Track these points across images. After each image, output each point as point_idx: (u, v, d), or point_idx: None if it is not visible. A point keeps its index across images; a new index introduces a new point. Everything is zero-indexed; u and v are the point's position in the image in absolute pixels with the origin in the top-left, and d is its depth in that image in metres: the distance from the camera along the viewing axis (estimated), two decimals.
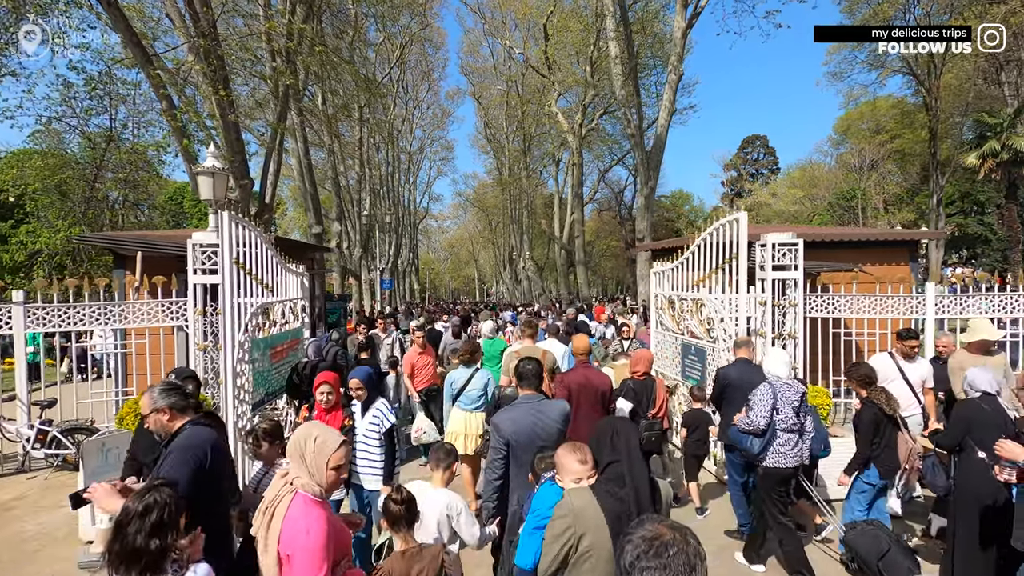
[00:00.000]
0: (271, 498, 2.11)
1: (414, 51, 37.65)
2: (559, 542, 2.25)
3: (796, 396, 4.10)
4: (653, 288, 8.05)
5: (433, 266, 78.66)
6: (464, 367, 5.59)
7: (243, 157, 15.51)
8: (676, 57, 19.97)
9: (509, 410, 3.51)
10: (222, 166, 7.02)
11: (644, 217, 20.91)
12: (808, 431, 4.19)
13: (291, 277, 7.11)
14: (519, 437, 3.33)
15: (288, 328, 6.74)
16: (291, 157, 25.53)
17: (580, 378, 4.52)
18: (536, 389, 3.60)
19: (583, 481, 2.40)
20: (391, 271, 39.14)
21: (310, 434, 2.16)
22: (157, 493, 1.96)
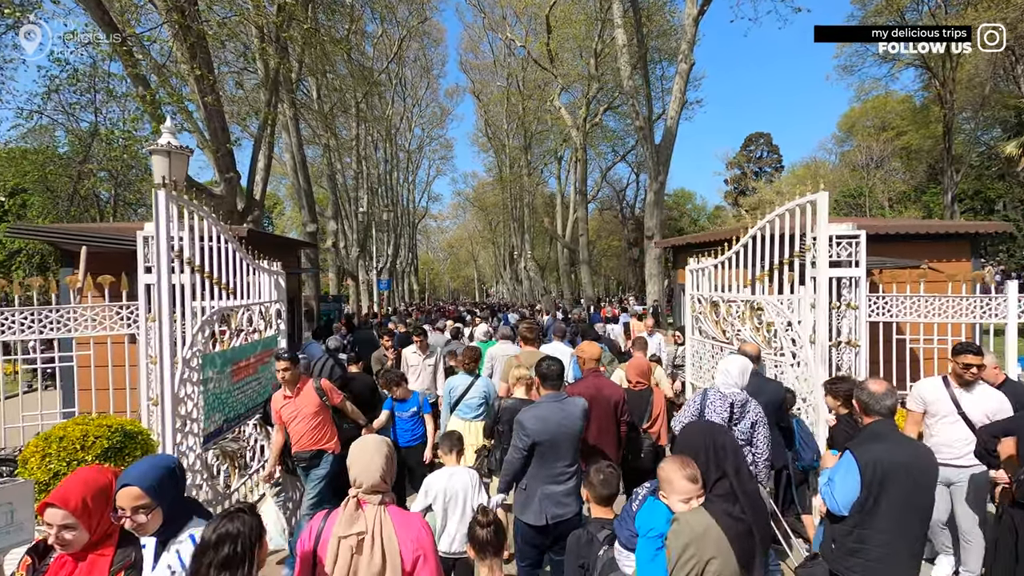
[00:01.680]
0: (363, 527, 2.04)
1: (412, 47, 36.48)
2: (684, 570, 2.11)
3: (725, 407, 3.57)
4: (689, 289, 6.84)
5: (432, 266, 77.52)
6: (465, 374, 5.33)
7: (228, 148, 14.28)
8: (687, 45, 18.80)
9: (534, 408, 3.47)
10: (180, 144, 5.80)
11: (653, 214, 19.72)
12: (758, 448, 3.58)
13: (263, 277, 5.88)
14: (544, 436, 3.33)
15: (257, 338, 5.52)
16: (284, 152, 24.27)
17: (591, 389, 4.02)
18: (558, 388, 3.57)
19: (692, 501, 2.24)
20: (389, 271, 37.93)
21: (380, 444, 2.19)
22: (232, 522, 1.79)
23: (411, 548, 2.03)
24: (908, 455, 2.67)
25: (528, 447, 3.32)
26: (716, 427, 2.78)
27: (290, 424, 4.41)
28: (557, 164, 35.65)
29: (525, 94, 34.03)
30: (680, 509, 2.23)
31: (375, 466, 2.11)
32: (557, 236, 31.95)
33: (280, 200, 47.39)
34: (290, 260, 9.10)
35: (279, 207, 48.71)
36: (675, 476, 2.26)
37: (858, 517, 2.67)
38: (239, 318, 5.06)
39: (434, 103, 45.41)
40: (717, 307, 6.10)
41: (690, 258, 6.86)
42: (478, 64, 41.71)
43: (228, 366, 4.76)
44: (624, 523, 2.50)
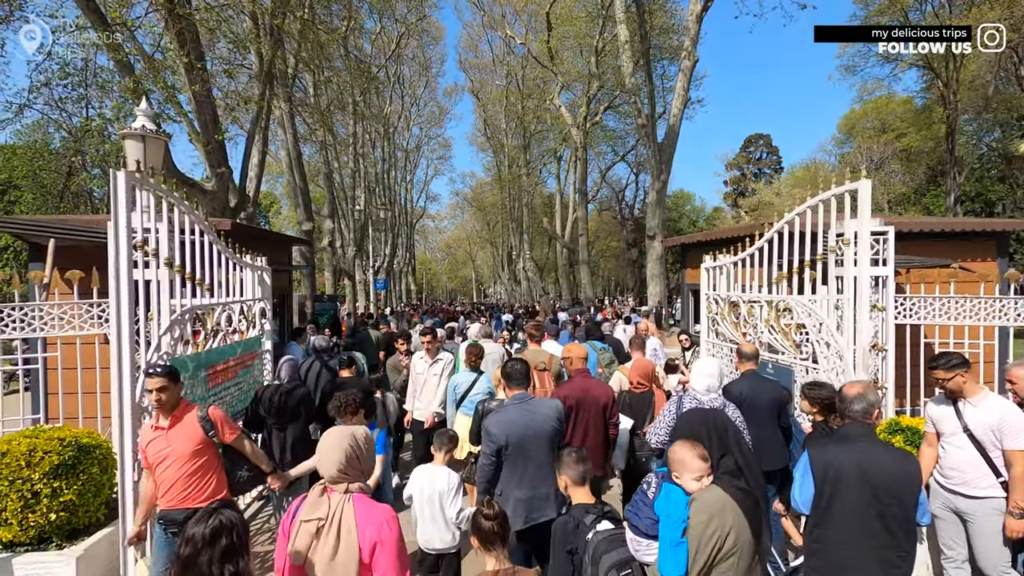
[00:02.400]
0: (326, 513, 2.07)
1: (411, 45, 35.97)
2: (711, 543, 2.22)
3: None
4: (704, 288, 6.36)
5: (430, 267, 76.99)
6: (469, 371, 5.29)
7: (220, 142, 13.78)
8: (690, 42, 18.35)
9: (498, 413, 3.38)
10: (157, 129, 5.30)
11: (656, 213, 19.25)
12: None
13: (246, 273, 5.39)
14: (511, 440, 3.24)
15: (238, 339, 5.02)
16: (280, 149, 23.74)
17: (578, 390, 3.92)
18: (523, 388, 3.46)
19: (704, 479, 2.36)
20: (387, 271, 37.37)
21: (354, 434, 2.21)
22: (221, 515, 1.78)
23: (369, 537, 2.04)
24: (865, 458, 2.58)
25: (495, 452, 3.25)
26: (713, 411, 2.99)
27: (157, 467, 3.10)
28: (556, 163, 35.18)
29: (524, 93, 33.55)
30: (693, 488, 2.36)
31: (333, 460, 2.14)
32: (556, 236, 31.47)
33: (277, 199, 46.81)
34: (281, 257, 8.60)
35: (276, 206, 48.10)
36: (687, 456, 2.38)
37: (816, 516, 2.65)
38: (216, 318, 4.56)
39: (432, 102, 44.93)
40: (737, 308, 5.62)
41: (706, 255, 6.38)
42: (477, 63, 41.24)
43: (203, 370, 4.26)
44: (641, 510, 2.50)
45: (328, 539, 2.04)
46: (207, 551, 1.72)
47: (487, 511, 2.38)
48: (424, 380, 5.58)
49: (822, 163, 44.10)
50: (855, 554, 2.53)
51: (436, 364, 5.62)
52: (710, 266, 6.27)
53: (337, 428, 2.32)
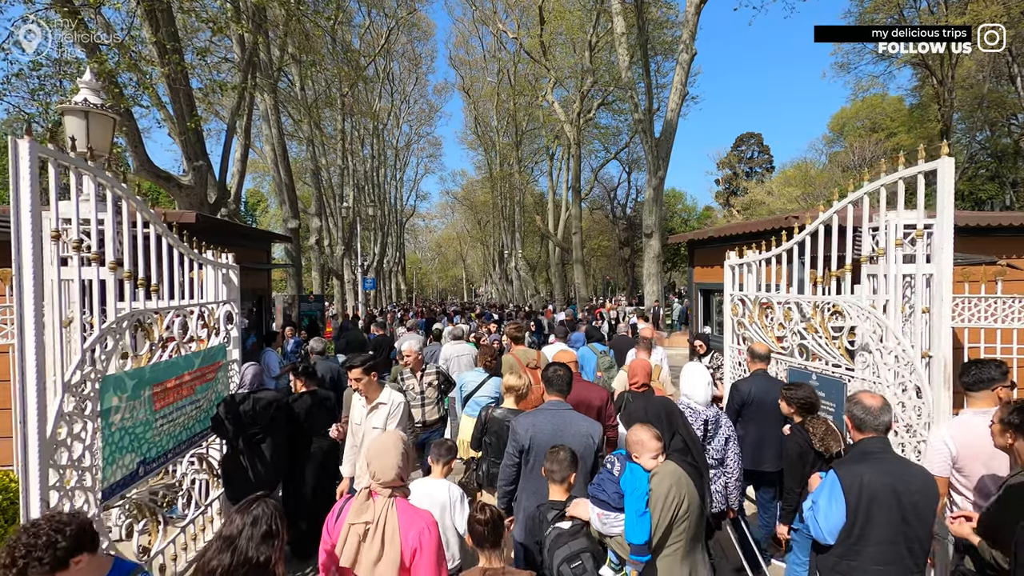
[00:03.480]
0: (372, 516, 2.13)
1: (401, 40, 35.11)
2: (671, 507, 2.51)
3: (698, 423, 3.51)
4: (728, 288, 5.66)
5: (420, 266, 76.01)
6: (480, 371, 5.12)
7: (198, 133, 12.92)
8: (688, 34, 17.72)
9: (531, 415, 3.31)
10: (101, 102, 4.50)
11: (653, 211, 18.61)
12: (728, 467, 3.61)
13: (207, 271, 4.61)
14: (535, 444, 3.14)
15: (196, 349, 4.25)
16: (265, 144, 22.77)
17: (572, 394, 3.70)
18: (564, 396, 3.38)
19: (659, 457, 2.63)
20: (376, 271, 36.45)
21: (398, 441, 2.30)
22: (264, 504, 1.91)
23: (411, 542, 2.10)
24: (898, 477, 2.37)
25: (517, 452, 3.19)
26: (660, 399, 3.35)
27: None
28: (549, 161, 34.43)
29: (516, 90, 32.80)
30: (651, 465, 2.63)
31: (391, 463, 2.22)
32: (549, 234, 30.75)
33: (264, 197, 45.69)
34: (258, 255, 7.82)
35: (263, 204, 46.96)
36: (645, 437, 2.65)
37: (843, 547, 2.40)
38: (166, 324, 3.78)
39: (422, 99, 44.07)
40: (769, 310, 4.93)
41: (729, 251, 5.68)
42: (468, 60, 40.45)
43: (146, 388, 3.48)
44: (608, 486, 2.68)
45: (374, 543, 2.09)
46: (248, 531, 1.82)
47: (480, 516, 2.41)
48: (363, 434, 3.93)
49: (813, 162, 43.85)
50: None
51: (376, 412, 3.92)
52: (735, 263, 5.58)
53: (389, 432, 2.41)
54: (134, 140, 11.14)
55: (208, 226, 5.88)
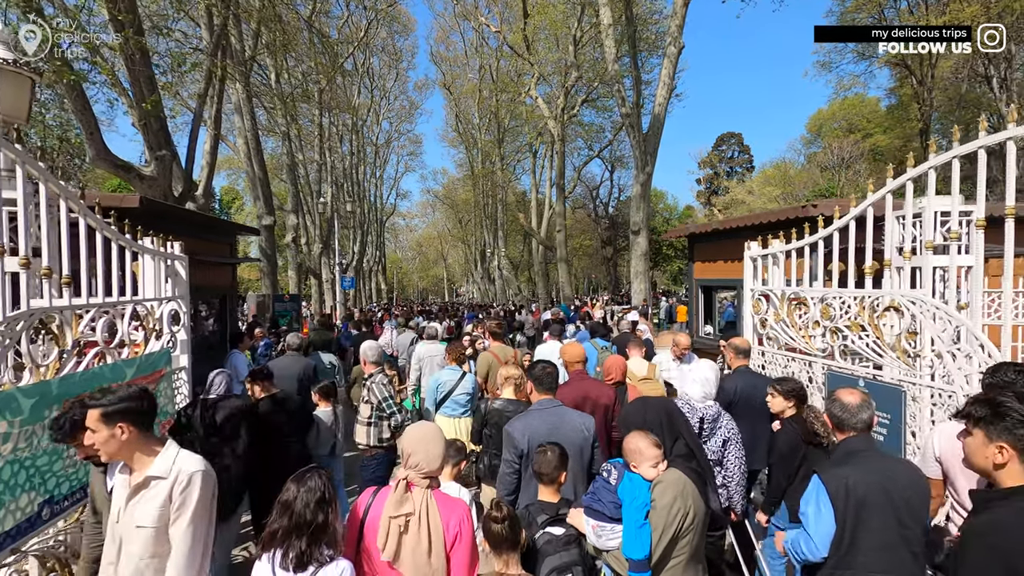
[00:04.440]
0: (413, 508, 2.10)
1: (380, 34, 34.14)
2: (676, 520, 2.30)
3: (693, 421, 3.19)
4: (748, 283, 5.04)
5: (401, 266, 74.84)
6: (454, 368, 5.00)
7: (161, 120, 11.98)
8: (676, 27, 17.18)
9: (524, 417, 3.15)
10: (15, 57, 3.69)
11: (640, 207, 18.03)
12: (729, 470, 3.30)
13: (147, 263, 3.82)
14: (533, 447, 2.93)
15: (128, 356, 3.46)
16: (238, 138, 21.69)
17: (576, 393, 3.72)
18: (553, 393, 3.27)
19: (660, 465, 2.43)
20: (356, 270, 35.41)
21: (437, 429, 2.33)
22: (317, 475, 2.05)
23: (452, 530, 2.10)
24: (885, 475, 2.19)
25: (517, 458, 3.05)
26: (659, 400, 2.98)
27: None
28: (532, 159, 33.77)
29: (499, 86, 32.08)
30: (651, 475, 2.42)
31: (438, 452, 2.23)
32: (532, 232, 30.07)
33: (239, 195, 44.24)
34: (220, 247, 7.00)
35: (238, 202, 45.47)
36: (643, 445, 2.44)
37: (835, 558, 2.17)
38: (84, 326, 3.00)
39: (403, 96, 43.10)
40: (803, 307, 4.31)
41: (750, 242, 5.06)
42: (449, 57, 39.61)
43: (52, 408, 2.71)
44: (604, 495, 2.48)
45: (420, 534, 2.05)
46: (304, 497, 1.97)
47: (496, 513, 2.32)
48: (119, 536, 2.49)
49: (792, 162, 44.03)
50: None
51: (146, 494, 2.14)
52: (757, 255, 4.95)
53: (423, 423, 2.42)
54: (90, 126, 10.20)
55: (157, 213, 5.08)
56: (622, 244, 43.62)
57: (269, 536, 1.98)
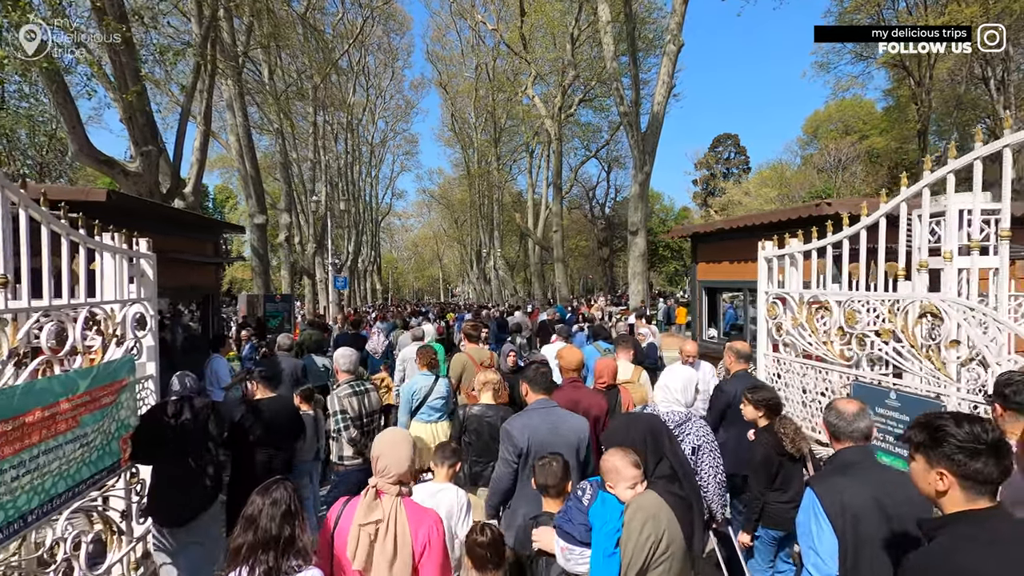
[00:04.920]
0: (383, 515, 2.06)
1: (376, 32, 33.74)
2: (645, 548, 2.12)
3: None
4: (763, 285, 4.71)
5: (396, 266, 74.38)
6: (426, 373, 4.90)
7: (148, 114, 11.57)
8: (676, 24, 16.91)
9: (522, 416, 3.11)
10: None
11: (638, 207, 17.74)
12: (704, 480, 2.98)
13: (105, 261, 3.45)
14: (533, 446, 2.92)
15: (81, 365, 3.10)
16: (229, 135, 21.26)
17: (566, 401, 3.39)
18: (549, 394, 3.22)
19: (638, 486, 2.24)
20: (351, 270, 34.99)
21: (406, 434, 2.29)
22: (283, 487, 1.98)
23: (421, 540, 2.05)
24: (880, 487, 2.08)
25: (516, 458, 2.95)
26: (649, 415, 2.82)
27: None
28: (529, 158, 33.43)
29: (495, 86, 31.74)
30: (627, 496, 2.24)
31: (405, 455, 2.16)
32: (529, 232, 29.73)
33: (233, 194, 43.70)
34: (202, 245, 6.62)
35: (232, 200, 44.94)
36: (621, 464, 2.26)
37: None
38: (24, 332, 2.62)
39: (398, 95, 42.73)
40: (825, 311, 3.97)
41: (764, 241, 4.73)
42: (445, 56, 39.25)
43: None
44: (575, 516, 2.32)
45: (386, 543, 2.01)
46: (268, 511, 1.90)
47: (480, 539, 2.30)
48: None
49: (788, 163, 43.86)
50: None
51: None
52: (772, 255, 4.62)
53: (394, 428, 2.43)
54: (72, 120, 9.81)
55: (128, 208, 4.70)
56: (618, 245, 43.34)
57: (235, 552, 1.91)
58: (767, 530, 3.42)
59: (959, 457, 1.52)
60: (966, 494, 1.53)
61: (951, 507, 1.56)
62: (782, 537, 3.42)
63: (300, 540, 1.93)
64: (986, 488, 1.52)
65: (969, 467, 1.51)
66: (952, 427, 1.55)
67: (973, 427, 1.53)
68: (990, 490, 1.53)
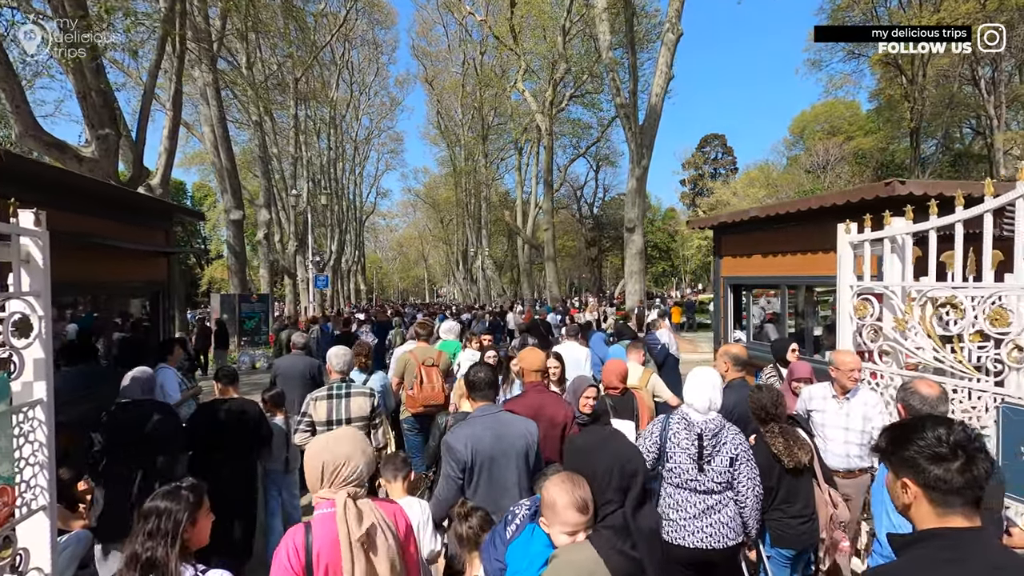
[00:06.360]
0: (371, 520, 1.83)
1: (360, 26, 32.52)
2: None
3: (691, 438, 2.69)
4: (845, 278, 3.73)
5: (381, 266, 72.92)
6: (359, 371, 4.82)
7: (106, 96, 10.35)
8: (675, 12, 16.05)
9: (464, 426, 2.77)
10: None
11: (636, 203, 16.85)
12: (743, 494, 2.67)
13: None
14: (478, 457, 2.61)
15: None
16: (204, 125, 19.90)
17: (530, 407, 3.08)
18: (491, 399, 2.89)
19: (579, 535, 1.73)
20: (334, 269, 33.64)
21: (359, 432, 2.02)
22: (165, 499, 1.86)
23: (403, 526, 1.95)
24: None
25: (460, 472, 2.62)
26: (620, 440, 2.16)
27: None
28: (518, 156, 32.40)
29: (483, 81, 30.70)
30: (563, 542, 1.75)
31: (372, 453, 1.95)
32: (518, 230, 28.70)
33: (212, 191, 42.00)
34: (152, 233, 5.49)
35: (211, 198, 43.22)
36: (560, 501, 1.73)
37: None
38: None
39: (383, 91, 41.46)
40: (952, 311, 3.01)
41: (847, 223, 3.76)
42: (431, 52, 38.13)
43: None
44: (490, 549, 1.98)
45: (386, 541, 1.84)
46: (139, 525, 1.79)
47: (462, 511, 2.22)
48: None
49: (775, 164, 43.55)
50: None
51: None
52: (858, 239, 3.65)
53: (342, 428, 2.07)
54: (16, 98, 8.63)
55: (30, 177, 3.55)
56: (607, 245, 42.56)
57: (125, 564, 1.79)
58: (778, 549, 3.01)
59: (920, 462, 1.36)
60: (935, 508, 1.33)
61: (921, 523, 1.40)
62: (795, 555, 3.00)
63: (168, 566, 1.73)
64: (957, 501, 1.30)
65: (930, 474, 1.33)
66: (917, 430, 1.40)
67: (939, 429, 1.35)
68: (964, 505, 1.30)
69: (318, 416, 3.65)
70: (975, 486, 1.29)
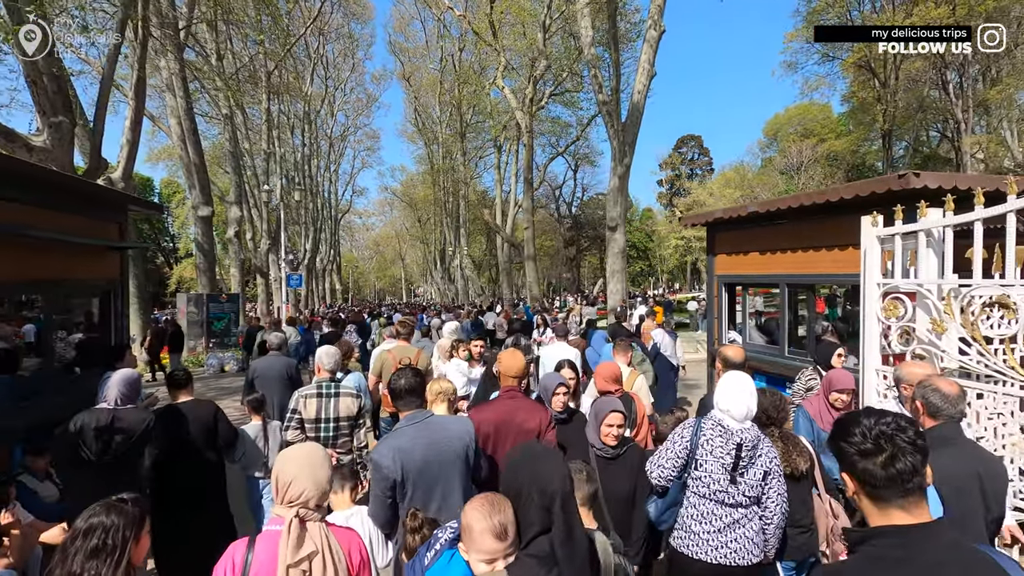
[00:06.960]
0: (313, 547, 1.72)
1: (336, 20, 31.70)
2: None
3: (729, 448, 2.45)
4: (872, 276, 3.42)
5: (357, 265, 71.65)
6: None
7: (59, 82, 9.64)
8: (656, 10, 15.85)
9: (390, 439, 2.52)
10: None
11: (618, 201, 16.57)
12: (768, 510, 2.48)
13: None
14: (409, 471, 2.40)
15: None
16: (170, 117, 18.98)
17: (500, 415, 2.93)
18: (419, 406, 2.65)
19: (498, 563, 1.55)
20: (308, 268, 32.72)
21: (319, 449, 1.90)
22: (107, 513, 1.67)
23: (356, 560, 1.85)
24: (980, 461, 2.14)
25: (389, 489, 2.40)
26: (548, 459, 1.80)
27: None
28: (497, 154, 31.94)
29: (461, 78, 30.18)
30: (480, 571, 1.58)
31: (325, 477, 1.82)
32: (497, 228, 28.25)
33: (181, 188, 40.52)
34: (103, 226, 4.92)
35: (179, 195, 41.72)
36: (477, 526, 1.55)
37: None
38: None
39: (359, 88, 40.57)
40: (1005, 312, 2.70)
41: (874, 216, 3.45)
42: (409, 48, 37.42)
43: None
44: (413, 569, 1.84)
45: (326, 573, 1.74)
46: (77, 543, 1.63)
47: (412, 524, 2.12)
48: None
49: (749, 165, 43.98)
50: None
51: None
52: (886, 234, 3.34)
53: (301, 444, 2.01)
54: None
55: None
56: (585, 244, 42.42)
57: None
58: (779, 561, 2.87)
59: (849, 456, 1.30)
60: (872, 503, 1.27)
61: (868, 517, 1.33)
62: (796, 565, 2.84)
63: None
64: (889, 495, 1.23)
65: (857, 467, 1.28)
66: (852, 422, 1.32)
67: (873, 419, 1.28)
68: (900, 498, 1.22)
69: (307, 414, 3.65)
70: (900, 481, 1.22)
